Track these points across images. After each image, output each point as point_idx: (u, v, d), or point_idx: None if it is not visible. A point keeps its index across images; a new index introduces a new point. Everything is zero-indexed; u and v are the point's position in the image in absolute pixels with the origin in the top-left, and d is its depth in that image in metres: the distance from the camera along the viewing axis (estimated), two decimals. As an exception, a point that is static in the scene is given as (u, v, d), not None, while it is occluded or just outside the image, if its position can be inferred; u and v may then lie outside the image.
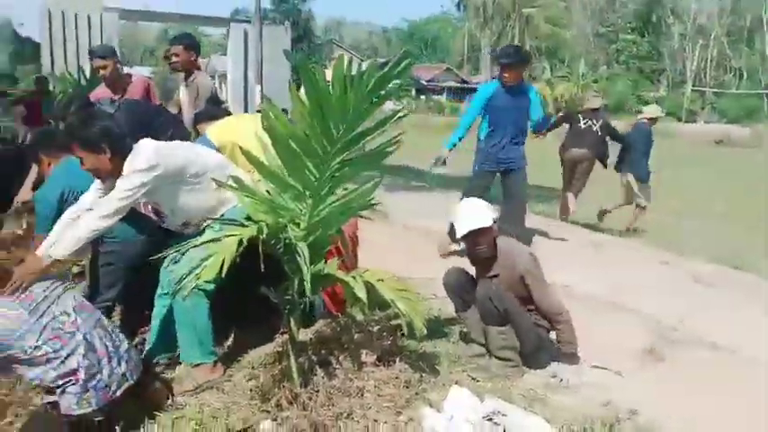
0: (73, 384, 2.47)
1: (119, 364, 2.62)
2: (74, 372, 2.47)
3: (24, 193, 4.56)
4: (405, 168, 11.64)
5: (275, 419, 2.76)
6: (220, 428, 2.71)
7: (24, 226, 6.06)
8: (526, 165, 5.70)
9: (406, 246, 5.93)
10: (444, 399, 2.84)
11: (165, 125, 4.29)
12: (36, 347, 2.43)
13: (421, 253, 5.58)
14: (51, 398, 2.53)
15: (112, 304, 3.57)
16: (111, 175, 3.00)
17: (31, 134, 4.67)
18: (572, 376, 3.25)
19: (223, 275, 2.42)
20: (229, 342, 3.62)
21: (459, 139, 5.67)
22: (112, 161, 2.95)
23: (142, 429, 2.77)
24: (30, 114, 9.55)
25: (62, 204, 3.50)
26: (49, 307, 2.53)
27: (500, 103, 5.52)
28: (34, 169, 4.27)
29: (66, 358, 2.47)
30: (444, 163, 5.71)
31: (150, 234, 3.40)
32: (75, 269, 4.68)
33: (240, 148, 2.71)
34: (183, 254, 2.97)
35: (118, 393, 2.59)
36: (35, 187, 4.16)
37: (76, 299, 2.71)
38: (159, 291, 3.32)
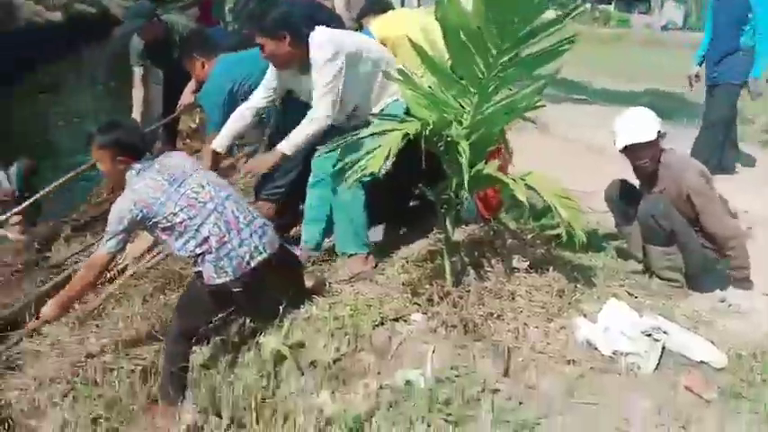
0: (209, 253, 2.65)
1: (250, 236, 2.72)
2: (206, 240, 2.65)
3: (186, 97, 4.84)
4: (566, 81, 11.01)
5: (426, 313, 2.84)
6: (374, 315, 2.83)
7: (197, 121, 6.53)
8: (736, 82, 4.97)
9: (566, 158, 5.68)
10: (599, 311, 2.76)
11: (327, 20, 4.33)
12: (174, 214, 2.64)
13: (581, 166, 5.32)
14: (197, 269, 2.72)
15: (282, 194, 3.68)
16: (288, 62, 3.11)
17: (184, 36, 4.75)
18: (743, 302, 3.01)
19: (388, 167, 2.45)
20: (382, 237, 3.71)
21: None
22: (291, 46, 3.05)
23: (302, 309, 2.97)
24: (202, 15, 10.01)
25: (234, 97, 3.65)
26: (186, 179, 2.72)
27: (716, 7, 4.95)
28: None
29: (199, 226, 2.65)
30: (698, 79, 5.31)
31: None
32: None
33: (408, 38, 2.65)
34: (341, 147, 3.04)
35: (252, 264, 2.69)
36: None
37: (212, 174, 2.90)
38: (312, 180, 3.41)
